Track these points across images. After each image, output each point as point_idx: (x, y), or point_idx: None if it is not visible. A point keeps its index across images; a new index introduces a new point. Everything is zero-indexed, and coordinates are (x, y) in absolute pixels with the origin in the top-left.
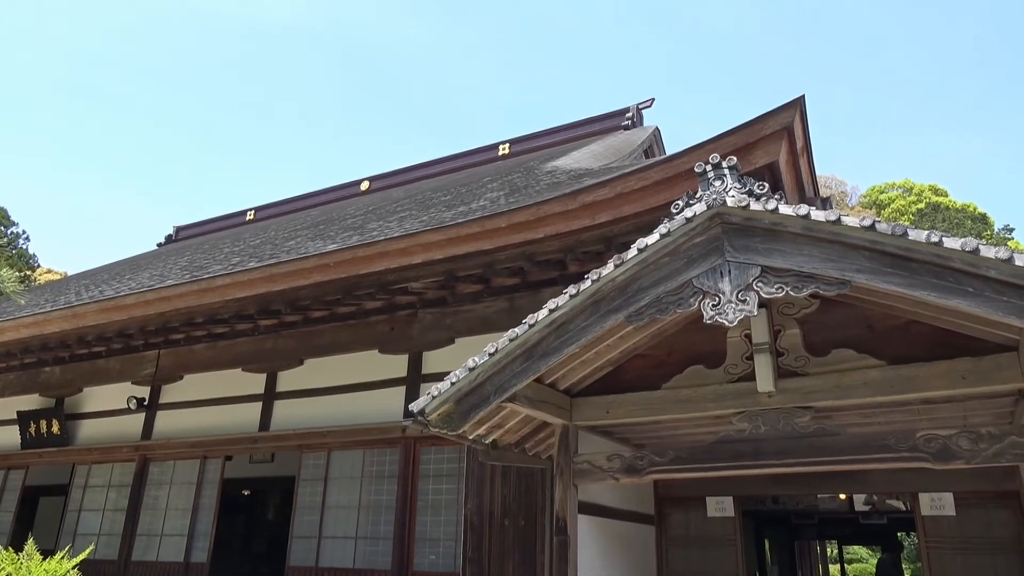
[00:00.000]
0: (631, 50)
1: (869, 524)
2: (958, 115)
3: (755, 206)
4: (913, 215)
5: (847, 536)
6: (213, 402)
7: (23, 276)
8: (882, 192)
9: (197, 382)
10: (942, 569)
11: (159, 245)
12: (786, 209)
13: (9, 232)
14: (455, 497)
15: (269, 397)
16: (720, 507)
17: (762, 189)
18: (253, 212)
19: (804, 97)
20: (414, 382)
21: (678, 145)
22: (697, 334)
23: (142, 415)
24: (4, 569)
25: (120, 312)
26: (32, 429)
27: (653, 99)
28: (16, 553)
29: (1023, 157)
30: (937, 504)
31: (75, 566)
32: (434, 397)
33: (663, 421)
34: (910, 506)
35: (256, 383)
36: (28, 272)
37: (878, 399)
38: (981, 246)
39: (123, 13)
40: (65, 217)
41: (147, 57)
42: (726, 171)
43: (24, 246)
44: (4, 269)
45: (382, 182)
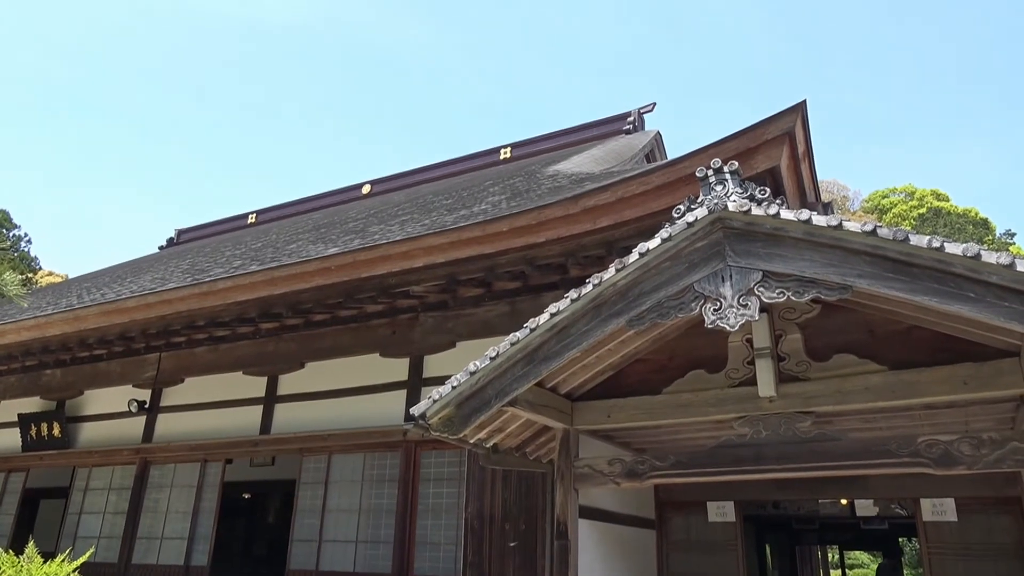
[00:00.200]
0: (633, 54)
1: (870, 529)
2: (960, 120)
3: (757, 211)
4: (914, 220)
5: (848, 541)
6: (214, 405)
7: (25, 279)
8: (884, 197)
9: (198, 385)
10: (944, 575)
11: (160, 248)
12: (787, 214)
13: (11, 235)
14: (456, 501)
15: (270, 400)
16: (721, 512)
17: (763, 194)
18: (254, 215)
19: (805, 102)
20: (415, 386)
21: (680, 149)
22: (698, 338)
23: (143, 418)
24: (5, 572)
25: (121, 315)
26: (33, 432)
27: (655, 103)
28: (17, 556)
29: None
30: (939, 509)
31: (75, 569)
32: (435, 401)
33: (664, 425)
34: (911, 511)
35: (257, 386)
36: (30, 275)
37: (879, 404)
38: (982, 251)
39: (124, 15)
40: (66, 220)
41: (148, 60)
42: (728, 176)
43: (26, 249)
44: (7, 272)
45: (383, 185)
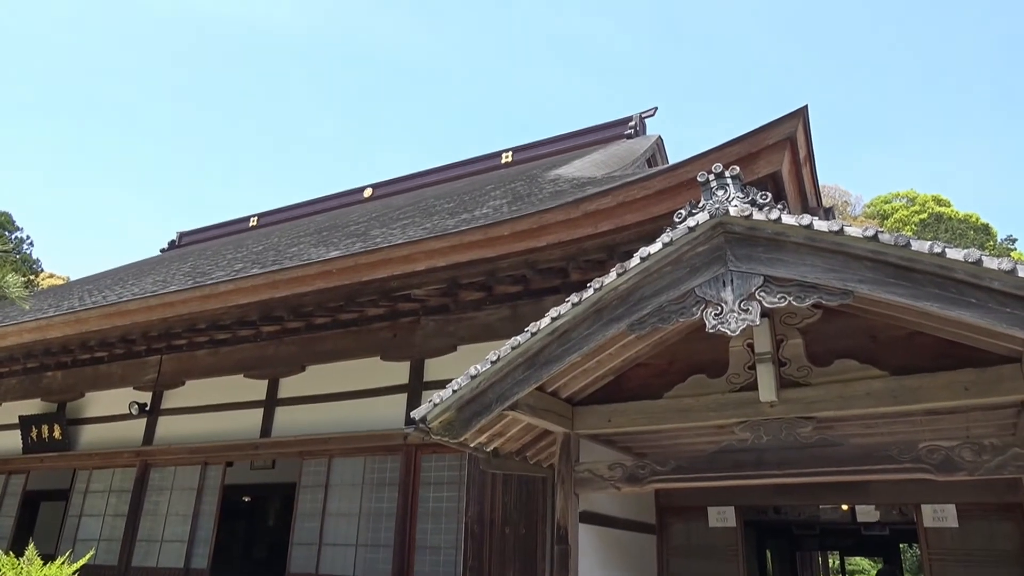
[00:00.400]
0: (635, 59)
1: (871, 535)
2: (962, 126)
3: (758, 216)
4: (916, 225)
5: (849, 547)
6: (215, 408)
7: (27, 281)
8: (886, 202)
9: (199, 388)
10: None
11: (162, 251)
12: (789, 219)
13: (13, 237)
14: (456, 505)
15: (271, 403)
16: (722, 517)
17: (765, 199)
18: (256, 218)
19: (807, 107)
20: (416, 389)
21: (681, 154)
22: (699, 343)
23: (143, 420)
24: (5, 574)
25: (123, 317)
26: (34, 434)
27: (656, 108)
28: (17, 558)
29: None
30: (940, 516)
31: (75, 571)
32: (436, 404)
33: (665, 430)
34: (913, 517)
35: (258, 389)
36: (32, 277)
37: (881, 410)
38: (984, 257)
39: (127, 19)
40: (68, 222)
41: (150, 62)
42: (729, 181)
43: (28, 251)
44: (9, 274)
45: (385, 189)
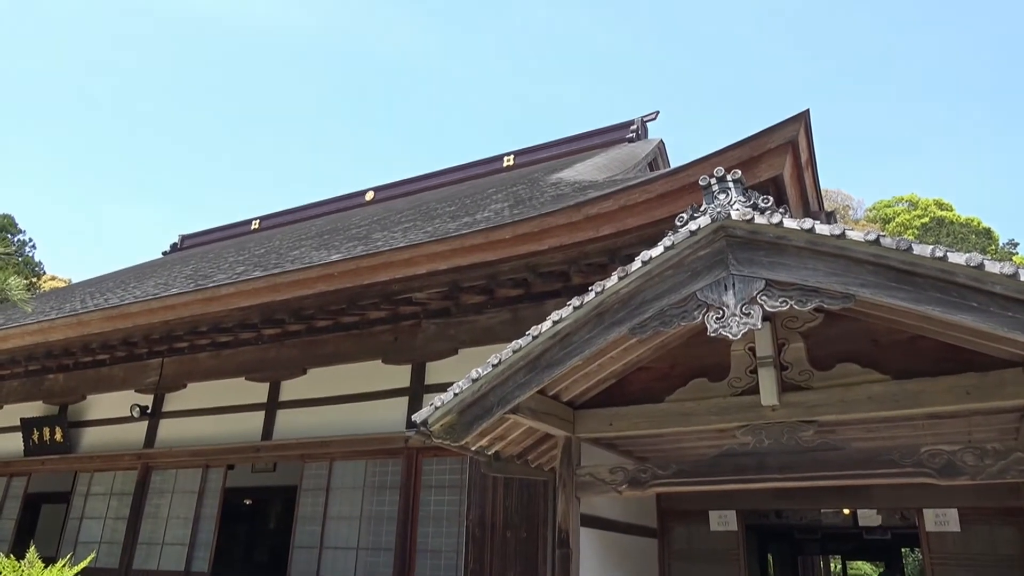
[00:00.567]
0: (637, 62)
1: (873, 539)
2: (964, 130)
3: (759, 220)
4: (917, 229)
5: (850, 551)
6: (216, 411)
7: (29, 284)
8: (887, 206)
9: (200, 391)
10: None
11: (164, 254)
12: (790, 223)
13: (15, 240)
14: (457, 508)
15: (272, 406)
16: (723, 521)
17: (766, 203)
18: (258, 221)
19: (808, 111)
20: (417, 392)
21: (683, 158)
22: (701, 347)
23: (145, 423)
24: None
25: (125, 320)
26: (35, 436)
27: (658, 112)
28: (18, 560)
29: None
30: (941, 520)
31: (76, 574)
32: (437, 408)
33: (666, 434)
34: (915, 522)
35: (259, 392)
36: (34, 280)
37: (882, 414)
38: (986, 261)
39: (129, 21)
40: (70, 225)
41: (152, 64)
42: (730, 184)
43: (30, 254)
44: (11, 277)
45: (386, 192)
